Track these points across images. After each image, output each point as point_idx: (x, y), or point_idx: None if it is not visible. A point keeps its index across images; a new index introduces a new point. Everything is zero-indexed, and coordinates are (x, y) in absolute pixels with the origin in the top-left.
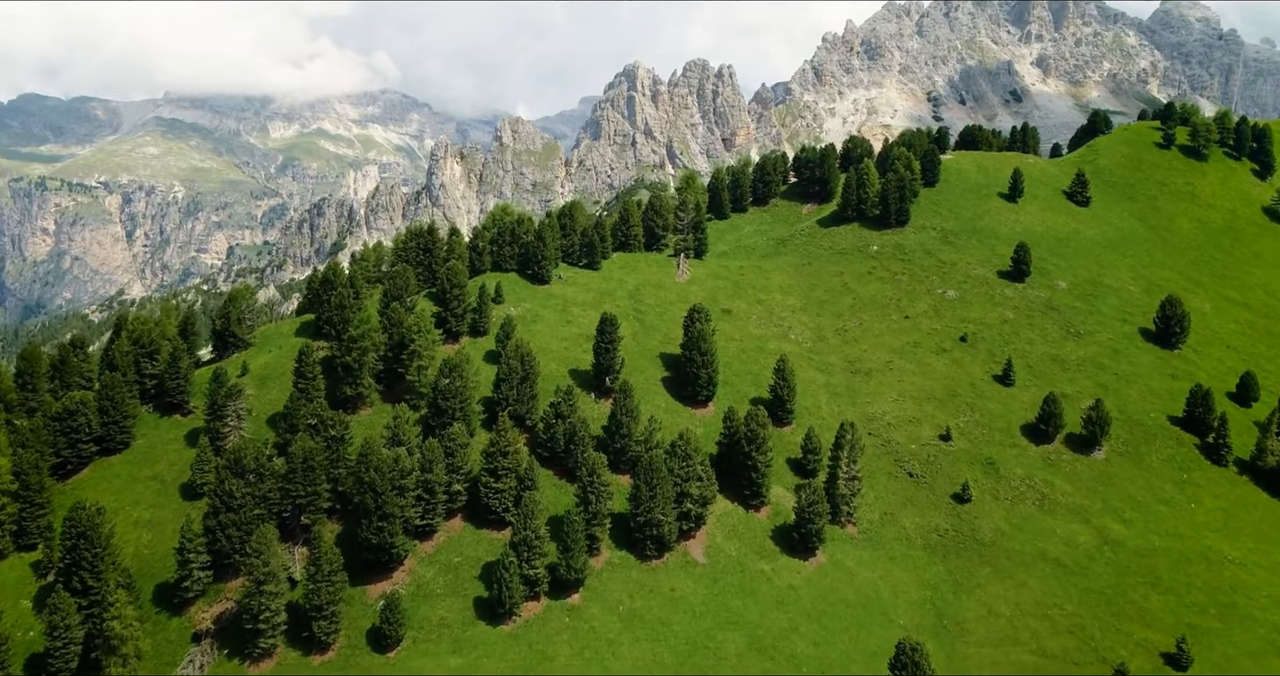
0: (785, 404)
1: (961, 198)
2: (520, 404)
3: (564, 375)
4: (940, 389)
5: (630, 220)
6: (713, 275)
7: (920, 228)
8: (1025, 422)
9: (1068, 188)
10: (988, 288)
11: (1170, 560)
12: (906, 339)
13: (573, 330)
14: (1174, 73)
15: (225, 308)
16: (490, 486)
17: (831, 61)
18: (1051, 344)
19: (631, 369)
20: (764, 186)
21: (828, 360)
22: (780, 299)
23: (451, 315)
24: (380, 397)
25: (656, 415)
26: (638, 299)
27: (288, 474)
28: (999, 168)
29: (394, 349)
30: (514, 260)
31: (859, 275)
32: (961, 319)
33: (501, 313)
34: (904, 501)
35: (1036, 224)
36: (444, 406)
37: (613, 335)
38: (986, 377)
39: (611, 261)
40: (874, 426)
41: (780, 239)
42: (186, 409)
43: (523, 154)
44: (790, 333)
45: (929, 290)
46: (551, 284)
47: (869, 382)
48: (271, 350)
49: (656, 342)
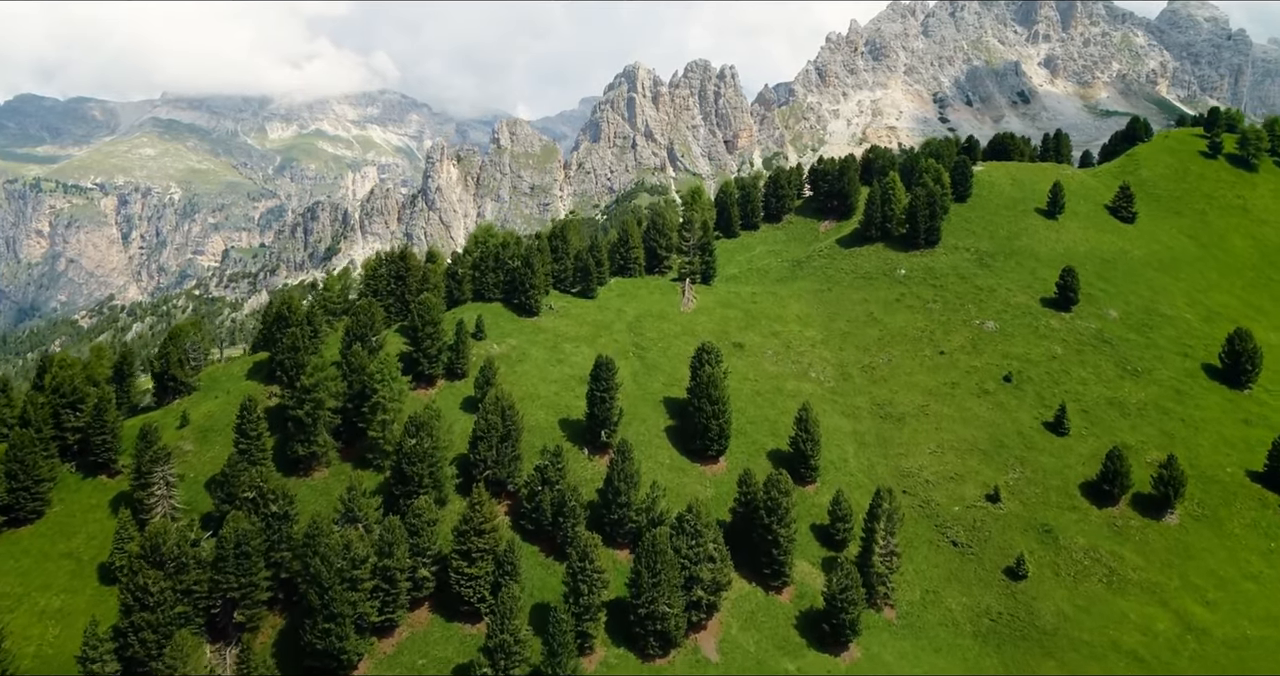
0: (808, 459)
1: (996, 214)
2: (500, 466)
3: (553, 426)
4: (984, 439)
5: (630, 241)
6: (722, 303)
7: (952, 248)
8: (1085, 480)
9: (1110, 202)
10: (1031, 318)
11: (1266, 652)
12: (942, 378)
13: (564, 371)
14: (1183, 73)
15: (165, 347)
16: (463, 572)
17: (835, 62)
18: (1107, 384)
19: (631, 417)
20: (777, 201)
21: (854, 403)
22: (798, 331)
23: (424, 356)
24: (339, 456)
25: (660, 474)
26: (638, 332)
27: (218, 561)
28: (1034, 180)
29: (355, 399)
30: (498, 289)
31: (886, 303)
32: (1004, 354)
33: (483, 351)
34: (948, 576)
35: (1079, 243)
36: (410, 472)
37: (609, 382)
38: (1036, 425)
39: (609, 288)
40: (910, 483)
41: (796, 260)
42: (114, 469)
43: (521, 156)
44: (811, 370)
45: (965, 321)
46: (541, 315)
47: (902, 430)
48: (218, 395)
49: (659, 385)
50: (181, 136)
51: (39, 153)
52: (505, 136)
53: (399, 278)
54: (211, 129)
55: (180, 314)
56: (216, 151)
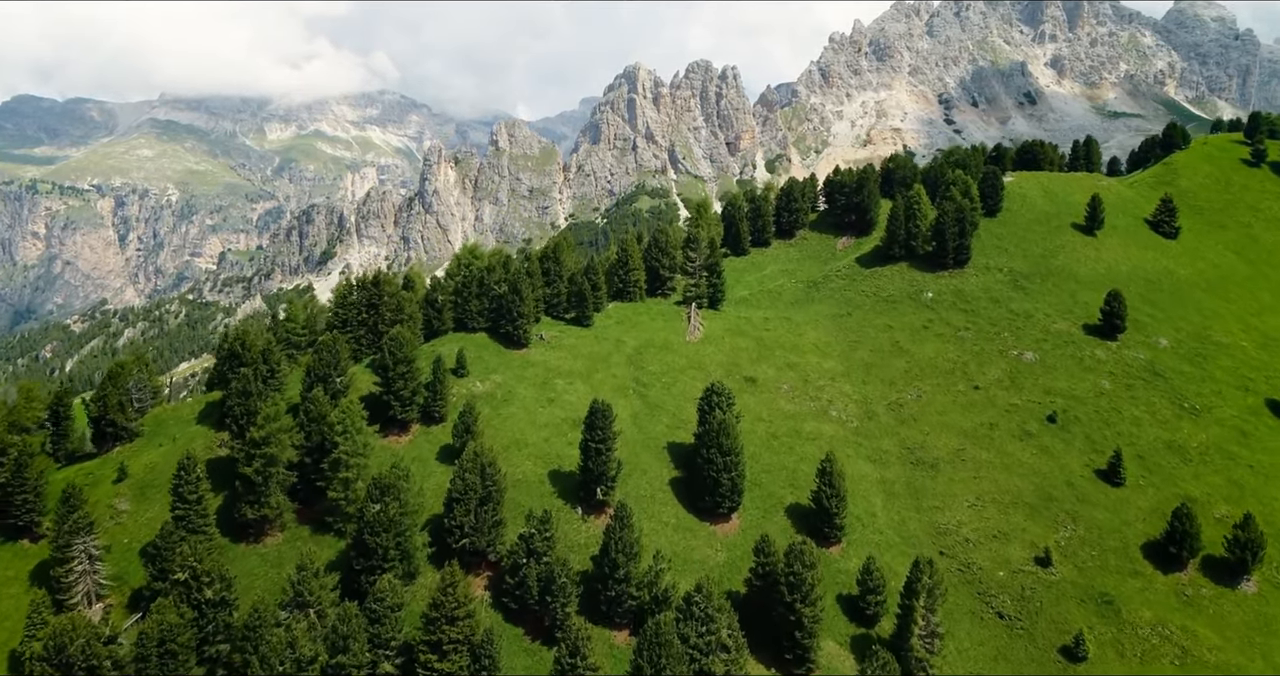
0: (833, 517)
1: (1029, 230)
2: (480, 534)
3: (541, 480)
4: (1030, 490)
5: (629, 262)
6: (732, 330)
7: (983, 268)
8: (1147, 540)
9: (1151, 215)
10: (1074, 347)
11: None
12: (979, 418)
13: (555, 413)
14: (1191, 74)
15: (103, 388)
16: (432, 667)
17: (839, 62)
18: (1163, 425)
19: (631, 467)
20: (790, 215)
21: (880, 446)
22: (816, 362)
23: (395, 399)
24: (295, 518)
25: (664, 536)
26: (639, 366)
27: (138, 660)
28: (1068, 191)
29: (314, 453)
30: (483, 317)
31: (912, 330)
32: (1046, 390)
33: (465, 389)
34: (995, 656)
35: (1121, 262)
36: (372, 544)
37: (606, 431)
38: (1088, 473)
39: (606, 315)
40: (947, 543)
41: (812, 281)
42: (37, 532)
43: (519, 158)
44: (831, 408)
45: (1001, 351)
46: (530, 347)
47: (936, 479)
48: (163, 442)
49: (663, 428)
50: (179, 137)
51: (36, 154)
52: (504, 138)
53: (371, 306)
54: (210, 130)
55: (173, 319)
56: (215, 152)
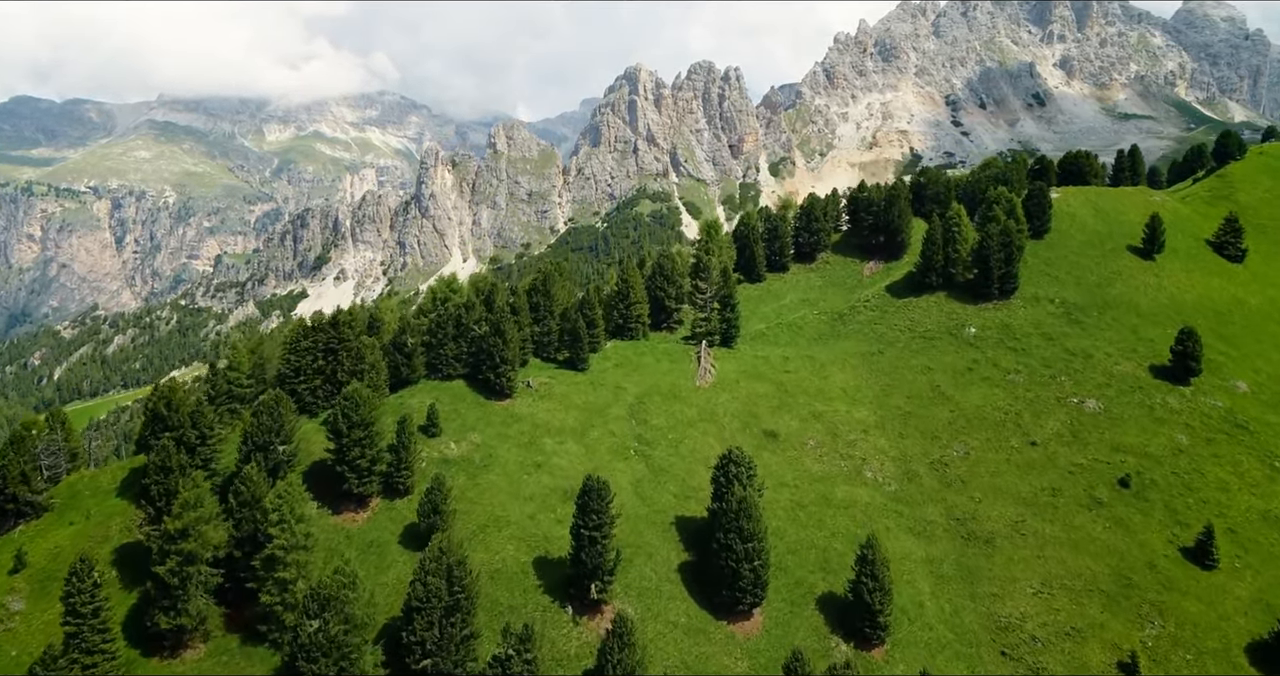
0: (876, 615)
1: (1081, 254)
2: (445, 653)
3: (525, 569)
4: (1106, 573)
5: (631, 294)
6: (748, 373)
7: (1032, 299)
8: (1252, 640)
9: (1213, 236)
10: (1142, 394)
11: None
12: (1039, 481)
13: (543, 482)
14: (1201, 74)
15: (3, 456)
16: None
17: (844, 63)
18: (1255, 490)
19: (634, 549)
20: (810, 236)
21: (925, 515)
22: (846, 411)
23: (350, 470)
24: (223, 624)
25: (673, 640)
26: (642, 419)
27: None
28: (1119, 209)
29: (245, 545)
30: (460, 362)
31: (955, 373)
32: (1114, 446)
33: (437, 451)
34: None
35: (1185, 290)
36: (308, 671)
37: (603, 516)
38: (1172, 552)
39: (604, 356)
40: (1010, 642)
41: (837, 313)
42: None
43: (518, 161)
44: (866, 467)
45: (1059, 398)
46: (515, 397)
47: (992, 558)
48: (75, 520)
49: (670, 498)
50: (177, 138)
51: (34, 155)
52: (502, 141)
53: (329, 351)
54: (208, 131)
55: (164, 326)
56: (213, 154)
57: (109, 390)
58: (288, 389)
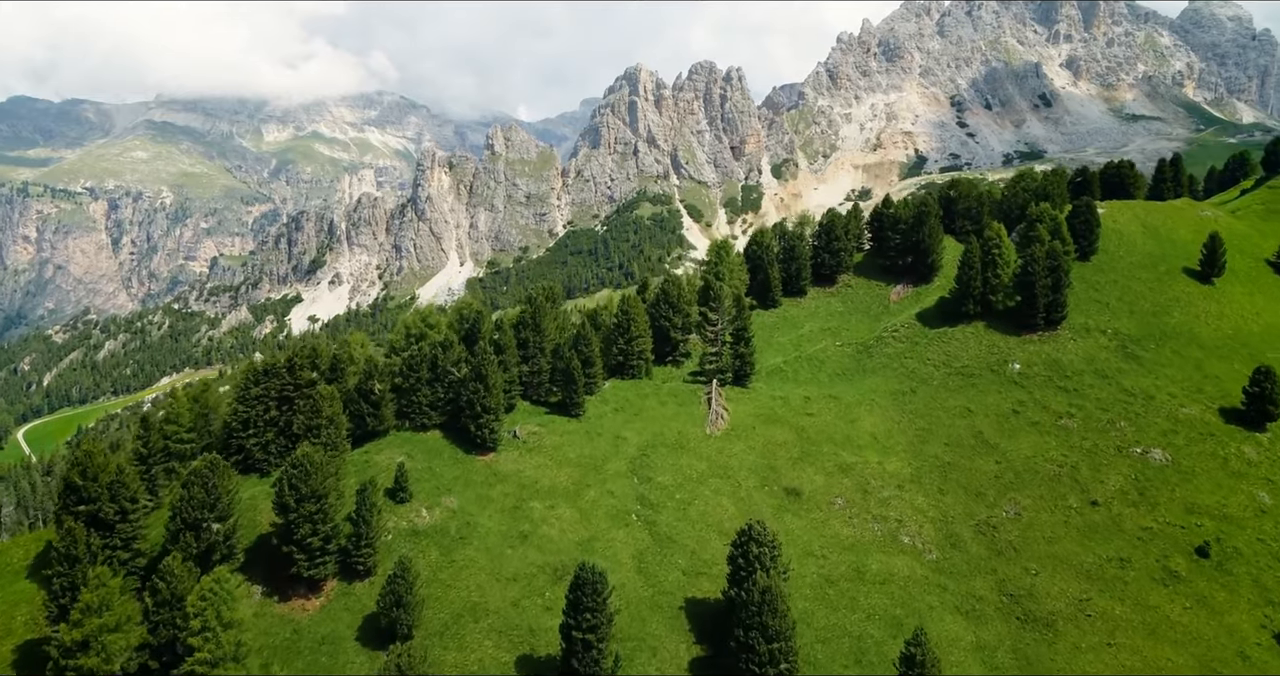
0: None
1: (1133, 277)
2: None
3: (508, 669)
4: (1191, 666)
5: (632, 327)
6: (765, 416)
7: (1082, 330)
8: None
9: (1273, 256)
10: (1213, 442)
11: None
12: (1104, 549)
13: (529, 557)
14: (1209, 74)
15: None
16: None
17: (847, 63)
18: None
19: (635, 644)
20: (830, 257)
21: (972, 589)
22: (877, 463)
23: (300, 551)
24: None
25: None
26: (645, 476)
27: None
28: (1170, 225)
29: (162, 655)
30: (436, 410)
31: (999, 417)
32: (1187, 506)
33: (406, 520)
34: None
35: (1249, 319)
36: None
37: (599, 614)
38: (1265, 639)
39: (602, 398)
40: None
41: (863, 344)
42: None
43: (516, 163)
44: (902, 531)
45: (1119, 447)
46: (499, 450)
47: (1054, 646)
48: None
49: (678, 575)
50: (175, 139)
51: (31, 156)
52: (500, 142)
53: (284, 400)
54: (206, 131)
55: (156, 330)
56: (210, 154)
57: (99, 397)
58: (236, 444)
